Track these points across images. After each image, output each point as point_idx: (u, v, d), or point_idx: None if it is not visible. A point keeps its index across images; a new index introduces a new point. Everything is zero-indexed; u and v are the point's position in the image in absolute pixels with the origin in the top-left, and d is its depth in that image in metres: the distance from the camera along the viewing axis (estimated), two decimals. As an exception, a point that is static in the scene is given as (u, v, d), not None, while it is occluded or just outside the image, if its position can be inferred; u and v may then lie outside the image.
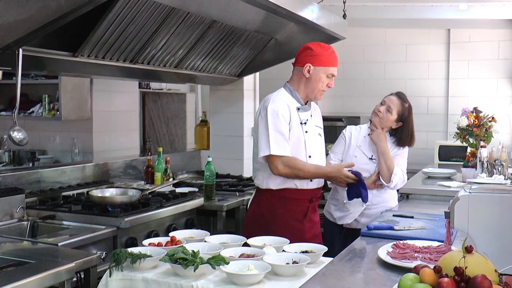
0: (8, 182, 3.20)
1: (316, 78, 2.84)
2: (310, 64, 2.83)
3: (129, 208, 3.03)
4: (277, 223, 2.85)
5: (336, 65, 2.89)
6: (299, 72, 2.89)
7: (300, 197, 2.88)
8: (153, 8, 2.87)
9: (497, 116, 4.49)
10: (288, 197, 2.86)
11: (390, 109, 3.27)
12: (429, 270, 1.55)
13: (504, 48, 5.97)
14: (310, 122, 2.91)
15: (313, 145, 2.90)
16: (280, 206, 2.87)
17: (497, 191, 1.94)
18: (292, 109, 2.84)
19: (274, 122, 2.77)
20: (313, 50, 2.85)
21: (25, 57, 2.48)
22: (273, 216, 2.87)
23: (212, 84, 4.78)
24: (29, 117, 4.95)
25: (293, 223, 2.86)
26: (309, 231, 2.90)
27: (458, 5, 5.49)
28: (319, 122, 3.04)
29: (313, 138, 2.91)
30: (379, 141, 3.27)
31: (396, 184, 3.24)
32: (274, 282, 2.02)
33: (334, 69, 2.87)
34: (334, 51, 2.90)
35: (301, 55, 2.89)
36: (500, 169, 3.96)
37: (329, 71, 2.85)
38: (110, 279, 2.12)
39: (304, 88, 2.89)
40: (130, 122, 5.35)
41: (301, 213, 2.89)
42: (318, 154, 2.94)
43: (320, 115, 3.10)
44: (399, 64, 6.38)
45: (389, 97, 3.33)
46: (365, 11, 5.76)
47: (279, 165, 2.77)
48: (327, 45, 2.91)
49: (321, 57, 2.83)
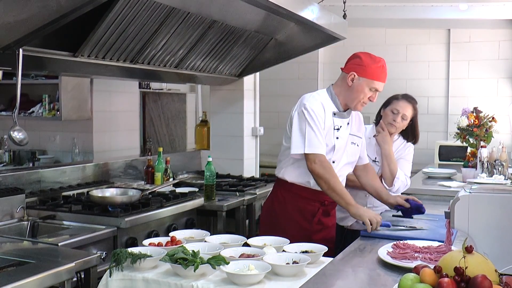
0: (8, 182, 3.20)
1: (358, 88, 2.77)
2: (355, 73, 2.76)
3: (129, 208, 3.03)
4: (286, 217, 2.83)
5: (382, 81, 2.78)
6: (343, 78, 2.83)
7: (312, 197, 2.82)
8: (153, 8, 2.87)
9: (497, 116, 4.48)
10: (300, 194, 2.83)
11: (405, 117, 3.23)
12: (429, 270, 1.55)
13: (504, 48, 5.97)
14: (344, 129, 2.85)
15: (341, 152, 2.83)
16: (290, 201, 2.85)
17: (497, 191, 1.94)
18: (327, 112, 2.78)
19: (312, 120, 2.72)
20: (362, 59, 2.78)
21: (25, 57, 2.48)
22: (283, 211, 2.85)
23: (212, 84, 4.78)
24: (29, 117, 4.94)
25: (300, 221, 2.83)
26: (317, 234, 2.83)
27: (458, 5, 5.49)
28: (357, 131, 2.96)
29: (343, 146, 2.83)
30: (384, 144, 3.23)
31: (399, 188, 3.22)
32: (274, 282, 2.02)
33: (379, 84, 2.77)
34: (384, 66, 2.79)
35: (349, 62, 2.83)
36: (500, 169, 3.96)
37: (373, 84, 2.75)
38: (110, 279, 2.12)
39: (345, 95, 2.83)
40: (130, 122, 5.35)
41: (310, 213, 2.84)
42: (345, 162, 2.86)
43: (361, 124, 3.02)
44: (399, 64, 6.38)
45: (399, 104, 3.24)
46: (365, 11, 5.76)
47: (316, 161, 2.70)
48: (378, 58, 2.81)
49: (368, 69, 2.75)
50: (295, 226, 2.81)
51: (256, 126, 4.84)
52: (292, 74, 6.39)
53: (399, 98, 3.28)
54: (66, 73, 4.12)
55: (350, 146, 2.89)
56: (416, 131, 3.35)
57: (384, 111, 3.31)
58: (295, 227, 2.80)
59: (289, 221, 2.83)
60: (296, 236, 2.52)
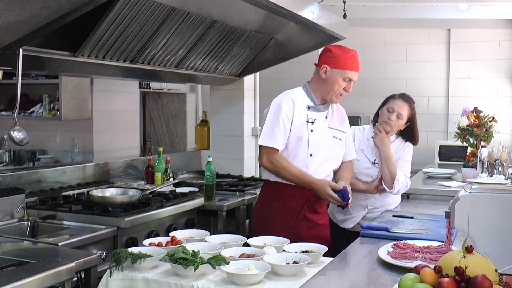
0: (9, 182, 3.20)
1: (332, 80, 2.82)
2: (327, 66, 2.82)
3: (130, 208, 3.03)
4: (272, 215, 2.87)
5: (355, 70, 2.84)
6: (317, 73, 2.89)
7: (295, 193, 2.85)
8: (154, 8, 2.87)
9: (497, 116, 4.49)
10: (284, 191, 2.86)
11: (400, 116, 3.22)
12: (430, 270, 1.55)
13: (504, 48, 5.97)
14: (321, 122, 2.88)
15: (319, 145, 2.85)
16: (275, 199, 2.89)
17: (497, 191, 1.94)
18: (299, 106, 2.83)
19: (272, 114, 2.81)
20: (332, 52, 2.83)
21: (25, 57, 2.48)
22: (269, 209, 2.89)
23: (212, 84, 4.78)
24: (30, 117, 4.95)
25: (287, 219, 2.85)
26: (306, 230, 2.87)
27: (459, 5, 5.49)
28: (339, 125, 2.98)
29: (321, 139, 2.86)
30: (383, 146, 3.22)
31: (399, 190, 3.21)
32: (275, 282, 2.02)
33: (352, 73, 2.82)
34: (356, 56, 2.85)
35: (321, 56, 2.89)
36: (500, 169, 3.96)
37: (346, 74, 2.81)
38: (111, 279, 2.12)
39: (320, 88, 2.88)
40: (131, 122, 5.35)
41: (296, 210, 2.86)
42: (325, 155, 2.89)
43: (344, 119, 3.04)
44: (400, 64, 6.38)
45: (395, 103, 3.24)
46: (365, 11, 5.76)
47: (264, 157, 2.82)
48: (348, 49, 2.86)
49: (339, 60, 2.81)
50: (281, 224, 2.83)
51: (256, 126, 4.83)
52: (292, 74, 6.39)
53: (396, 97, 3.29)
54: (66, 73, 4.12)
55: (331, 140, 2.91)
56: (415, 132, 3.33)
57: (381, 110, 3.32)
58: (282, 225, 2.82)
59: (276, 220, 2.86)
60: (283, 234, 2.53)
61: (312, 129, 2.84)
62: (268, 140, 2.79)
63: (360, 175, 3.26)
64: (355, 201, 3.26)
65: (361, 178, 3.26)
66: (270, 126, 2.80)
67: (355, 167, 3.25)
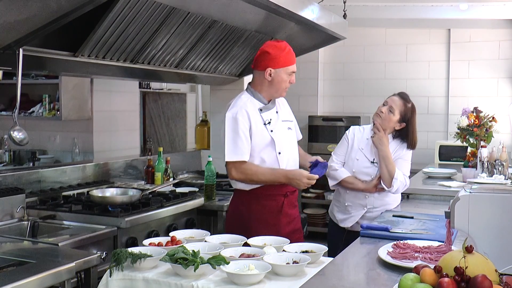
0: (9, 182, 3.20)
1: (278, 79, 2.90)
2: (271, 68, 2.88)
3: (130, 208, 3.03)
4: (254, 218, 2.91)
5: (294, 62, 2.94)
6: (260, 76, 2.94)
7: (274, 192, 2.91)
8: (154, 8, 2.87)
9: (497, 116, 4.49)
10: (261, 193, 2.91)
11: (392, 109, 3.24)
12: (430, 270, 1.55)
13: (504, 48, 5.97)
14: (275, 119, 2.96)
15: (283, 141, 2.94)
16: (255, 202, 2.93)
17: (497, 191, 1.94)
18: (252, 112, 2.88)
19: (231, 128, 2.84)
20: (271, 53, 2.88)
21: (25, 57, 2.48)
22: (249, 212, 2.93)
23: (212, 84, 4.78)
24: (30, 117, 4.94)
25: (268, 218, 2.91)
26: (286, 226, 2.93)
27: (459, 5, 5.49)
28: (287, 116, 3.08)
29: (282, 135, 2.94)
30: (381, 145, 3.23)
31: (398, 188, 3.22)
32: (275, 282, 2.02)
33: (293, 67, 2.93)
34: (290, 48, 2.93)
35: (259, 60, 2.93)
36: (500, 169, 3.96)
37: (289, 70, 2.90)
38: (111, 279, 2.12)
39: (268, 90, 2.95)
40: (131, 122, 5.35)
41: (276, 208, 2.93)
42: (289, 149, 2.97)
43: (287, 108, 3.13)
44: (400, 64, 6.38)
45: (391, 98, 3.29)
46: (365, 11, 5.76)
47: (233, 171, 2.86)
48: (283, 44, 2.92)
49: (280, 59, 2.88)
50: (263, 223, 2.88)
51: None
52: (292, 74, 6.38)
53: (394, 94, 3.34)
54: (66, 73, 4.12)
55: (287, 132, 3.02)
56: (409, 135, 3.28)
57: None
58: (263, 224, 2.87)
59: (257, 220, 2.89)
60: (266, 233, 2.58)
61: (272, 129, 2.91)
62: (234, 155, 2.83)
63: (359, 174, 3.26)
64: (354, 200, 3.27)
65: (360, 177, 3.26)
66: (232, 141, 2.83)
67: (355, 167, 3.26)
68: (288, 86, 2.95)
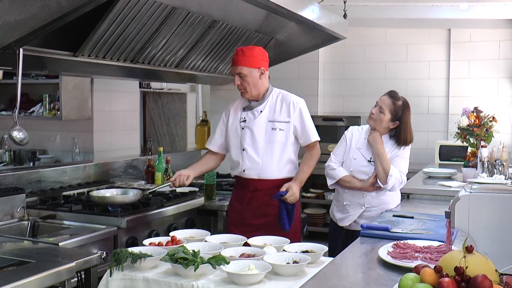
0: (9, 181, 3.21)
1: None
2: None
3: (130, 208, 3.03)
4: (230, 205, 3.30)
5: (233, 64, 3.18)
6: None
7: (241, 183, 3.18)
8: (154, 8, 2.87)
9: (497, 116, 4.48)
10: (236, 182, 3.27)
11: (382, 109, 3.27)
12: (430, 270, 1.55)
13: (504, 48, 5.97)
14: (255, 117, 3.14)
15: (250, 139, 3.13)
16: (233, 192, 3.31)
17: (497, 191, 1.94)
18: (235, 110, 3.23)
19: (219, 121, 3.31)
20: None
21: (25, 56, 2.48)
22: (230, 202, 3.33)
23: (212, 84, 4.78)
24: (30, 117, 4.95)
25: (234, 202, 3.24)
26: (249, 212, 3.13)
27: (459, 5, 5.48)
28: (279, 116, 3.16)
29: (251, 133, 3.12)
30: (375, 143, 3.26)
31: (393, 186, 3.22)
32: (275, 282, 2.02)
33: (233, 68, 3.20)
34: (238, 51, 3.14)
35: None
36: (500, 169, 3.96)
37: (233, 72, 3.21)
38: (111, 278, 2.12)
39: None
40: (131, 122, 5.36)
41: (241, 197, 3.18)
42: (263, 145, 3.12)
43: (288, 109, 3.17)
44: (400, 64, 6.37)
45: (381, 98, 3.33)
46: (365, 11, 5.76)
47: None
48: (238, 48, 3.17)
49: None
50: (231, 207, 3.27)
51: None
52: (292, 74, 6.38)
53: (384, 94, 3.36)
54: (67, 73, 4.12)
55: (269, 132, 3.13)
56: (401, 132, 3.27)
57: None
58: (231, 208, 3.26)
59: (229, 205, 3.31)
60: (231, 217, 3.17)
61: (243, 127, 3.16)
62: (207, 142, 3.35)
63: (356, 173, 3.30)
64: (352, 199, 3.29)
65: (357, 176, 3.29)
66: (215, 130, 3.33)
67: (352, 166, 3.30)
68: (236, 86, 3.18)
